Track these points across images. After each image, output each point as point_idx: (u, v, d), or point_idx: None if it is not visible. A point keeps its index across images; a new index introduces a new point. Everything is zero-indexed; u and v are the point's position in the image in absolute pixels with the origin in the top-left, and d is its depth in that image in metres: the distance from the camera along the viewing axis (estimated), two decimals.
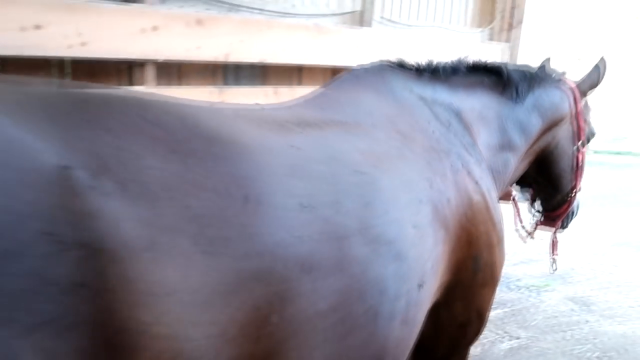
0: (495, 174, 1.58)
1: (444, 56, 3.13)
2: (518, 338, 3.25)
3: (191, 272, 0.61)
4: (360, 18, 2.86)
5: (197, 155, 0.72)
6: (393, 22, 3.20)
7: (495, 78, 1.70)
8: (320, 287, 0.78)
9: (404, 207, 1.01)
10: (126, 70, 1.96)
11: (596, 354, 3.14)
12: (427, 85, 1.46)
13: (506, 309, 3.61)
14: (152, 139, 0.69)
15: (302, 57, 2.38)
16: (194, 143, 0.74)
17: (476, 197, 1.29)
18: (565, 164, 1.94)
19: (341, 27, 2.58)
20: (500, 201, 2.01)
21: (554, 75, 1.90)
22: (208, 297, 0.62)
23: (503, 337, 3.24)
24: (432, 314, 1.22)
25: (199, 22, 1.93)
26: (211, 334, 0.63)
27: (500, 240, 1.39)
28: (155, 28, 1.80)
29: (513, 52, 3.76)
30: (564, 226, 2.18)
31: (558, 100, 1.84)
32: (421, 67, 1.51)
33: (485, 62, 1.73)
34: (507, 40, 3.79)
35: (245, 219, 0.72)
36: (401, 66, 1.48)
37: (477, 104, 1.57)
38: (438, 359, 1.39)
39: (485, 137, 1.56)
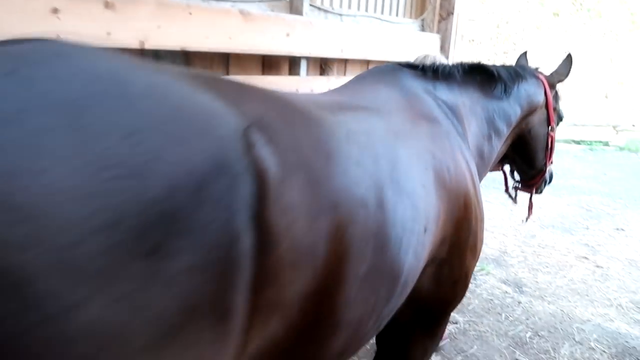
0: (484, 157, 1.94)
1: (377, 45, 3.10)
2: (456, 323, 3.31)
3: (303, 198, 0.92)
4: (290, 6, 2.76)
5: (300, 124, 1.06)
6: (324, 10, 3.13)
7: (486, 77, 2.00)
8: (370, 217, 1.12)
9: (415, 171, 1.33)
10: None
11: (529, 334, 3.25)
12: (429, 82, 1.77)
13: None
14: (276, 111, 1.00)
15: (228, 45, 2.25)
16: (296, 116, 1.07)
17: (468, 174, 1.58)
18: (538, 144, 2.34)
19: (269, 14, 2.46)
20: (492, 170, 2.49)
21: (529, 70, 2.25)
22: (313, 216, 0.94)
23: None
24: (435, 271, 1.51)
25: (108, 5, 1.75)
26: (314, 239, 0.94)
27: (482, 219, 1.66)
28: (55, 10, 1.60)
29: (444, 43, 3.81)
30: (539, 191, 2.61)
31: (533, 92, 2.19)
32: (425, 68, 1.80)
33: (479, 63, 2.02)
34: (438, 32, 3.84)
35: (328, 168, 1.04)
36: (410, 67, 1.79)
37: (468, 100, 1.88)
38: (432, 317, 1.65)
39: (475, 128, 1.88)
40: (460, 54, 3.95)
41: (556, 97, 2.41)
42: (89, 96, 0.63)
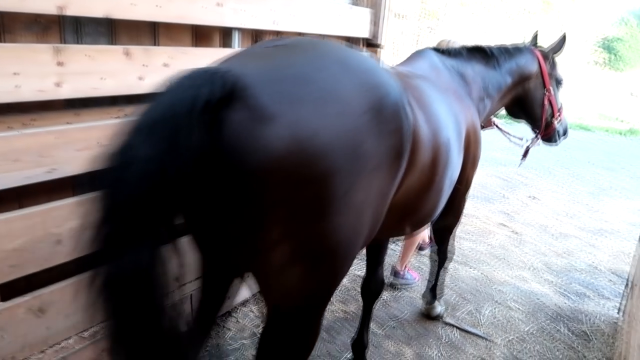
0: (480, 115, 2.63)
1: (310, 18, 3.06)
2: (388, 290, 3.46)
3: (422, 124, 1.57)
4: None
5: (407, 85, 1.70)
6: None
7: (483, 55, 2.71)
8: (444, 141, 1.76)
9: (452, 118, 2.00)
10: None
11: (454, 297, 3.47)
12: (448, 59, 2.52)
13: None
14: (408, 84, 1.76)
15: (156, 13, 2.11)
16: (404, 79, 1.78)
17: (474, 124, 2.34)
18: (535, 104, 3.03)
19: None
20: (487, 128, 3.34)
21: (523, 47, 2.94)
22: (427, 133, 1.60)
23: None
24: (458, 176, 2.18)
25: None
26: (428, 145, 1.60)
27: (480, 147, 2.44)
28: None
29: (375, 18, 3.83)
30: (557, 141, 3.29)
31: (524, 63, 2.87)
32: (445, 49, 2.57)
33: (478, 45, 2.74)
34: (369, 6, 3.85)
35: (425, 112, 1.67)
36: (435, 49, 2.55)
37: (471, 70, 2.61)
38: (453, 201, 2.37)
39: (475, 92, 2.59)
40: (390, 29, 3.99)
41: (552, 65, 3.04)
42: (344, 60, 1.26)
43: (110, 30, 2.11)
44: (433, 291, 3.11)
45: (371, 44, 3.80)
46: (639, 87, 20.20)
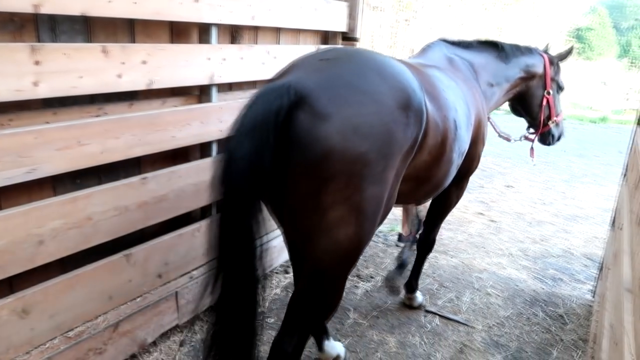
0: (488, 98, 2.93)
1: (287, 13, 3.07)
2: (370, 281, 3.51)
3: (433, 109, 1.87)
4: None
5: (421, 74, 2.00)
6: None
7: (495, 48, 3.06)
8: (452, 123, 2.05)
9: (462, 103, 2.28)
10: None
11: (435, 285, 3.54)
12: (458, 50, 2.89)
13: None
14: (423, 78, 1.98)
15: (132, 10, 2.10)
16: (418, 71, 2.03)
17: (481, 107, 2.63)
18: (534, 102, 3.32)
19: None
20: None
21: (533, 49, 3.26)
22: (437, 118, 1.91)
23: (358, 282, 3.48)
24: (467, 152, 2.45)
25: None
26: (438, 124, 1.90)
27: (487, 128, 2.73)
28: None
29: (352, 11, 3.86)
30: (550, 143, 3.61)
31: (532, 63, 3.18)
32: (455, 41, 2.94)
33: (490, 39, 3.11)
34: (346, 0, 3.88)
35: (437, 98, 1.98)
36: (445, 41, 2.91)
37: (482, 61, 2.95)
38: (461, 179, 2.69)
39: (484, 79, 2.92)
40: (367, 22, 4.02)
41: (556, 70, 3.35)
42: (378, 68, 1.64)
43: (87, 29, 2.09)
44: (415, 281, 3.19)
45: (348, 37, 3.82)
46: (610, 76, 20.69)
